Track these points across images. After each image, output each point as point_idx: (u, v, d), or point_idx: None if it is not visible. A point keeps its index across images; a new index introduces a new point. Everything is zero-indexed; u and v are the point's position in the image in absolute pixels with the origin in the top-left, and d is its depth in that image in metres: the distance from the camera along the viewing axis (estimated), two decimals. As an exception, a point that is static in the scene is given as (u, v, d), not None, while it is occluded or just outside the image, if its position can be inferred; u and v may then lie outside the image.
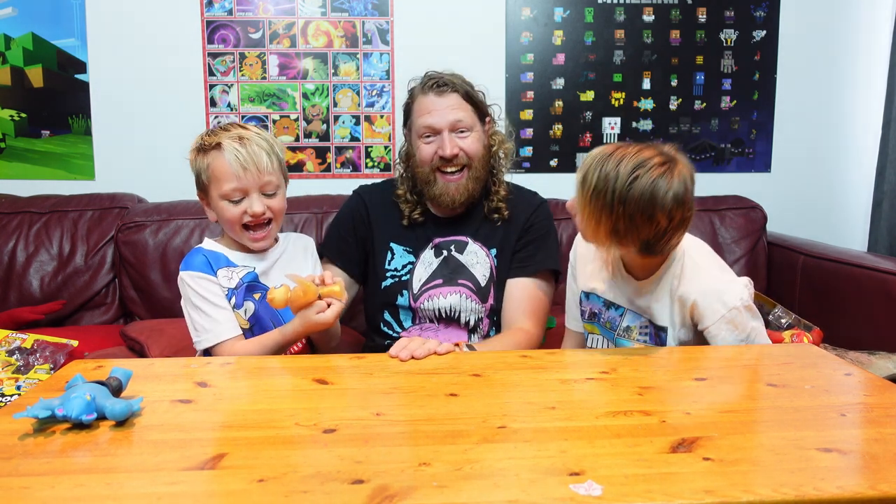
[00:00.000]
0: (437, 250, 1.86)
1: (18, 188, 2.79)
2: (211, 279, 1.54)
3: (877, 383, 1.17)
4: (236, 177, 1.50)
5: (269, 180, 1.54)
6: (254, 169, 1.50)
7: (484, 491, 0.78)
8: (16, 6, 2.77)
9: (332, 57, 2.86)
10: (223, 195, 1.52)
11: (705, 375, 1.21)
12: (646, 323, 1.57)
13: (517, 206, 1.90)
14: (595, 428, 0.97)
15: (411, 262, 1.86)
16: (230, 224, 1.55)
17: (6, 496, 0.76)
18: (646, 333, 1.57)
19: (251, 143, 1.51)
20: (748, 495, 0.77)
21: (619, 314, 1.61)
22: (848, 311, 2.28)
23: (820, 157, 3.06)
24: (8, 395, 1.72)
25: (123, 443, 0.92)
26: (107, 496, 0.77)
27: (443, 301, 1.81)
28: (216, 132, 1.55)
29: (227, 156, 1.49)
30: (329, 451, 0.89)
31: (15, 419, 0.97)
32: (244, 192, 1.52)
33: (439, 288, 1.82)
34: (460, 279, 1.84)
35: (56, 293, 2.55)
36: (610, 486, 0.78)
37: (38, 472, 0.83)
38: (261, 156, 1.51)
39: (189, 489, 0.79)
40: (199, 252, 1.59)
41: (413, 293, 1.83)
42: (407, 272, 1.85)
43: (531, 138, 2.96)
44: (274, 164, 1.54)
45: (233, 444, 0.91)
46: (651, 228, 1.41)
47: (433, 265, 1.85)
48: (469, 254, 1.86)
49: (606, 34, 2.92)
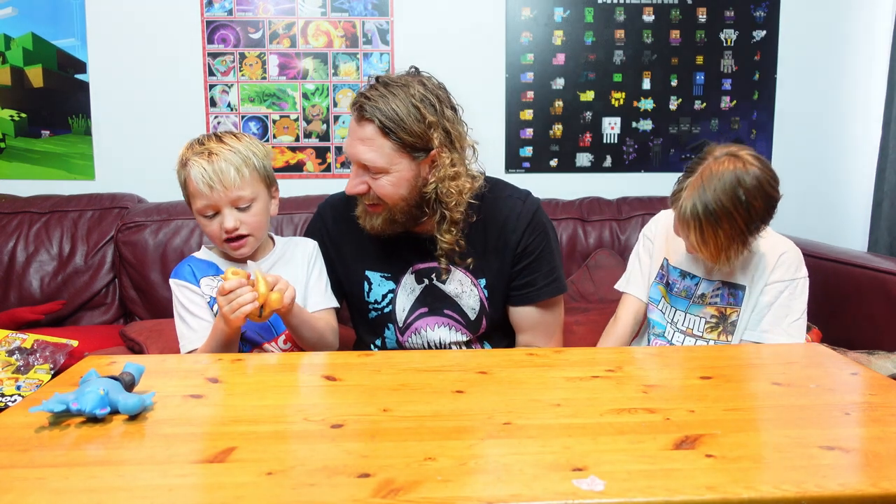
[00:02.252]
0: (419, 276, 1.67)
1: (18, 188, 2.78)
2: (192, 288, 1.56)
3: (882, 383, 1.17)
4: (204, 194, 1.49)
5: (238, 195, 1.50)
6: (220, 186, 1.47)
7: (488, 485, 0.78)
8: (16, 6, 2.77)
9: (332, 57, 2.86)
10: (198, 210, 1.53)
11: (711, 374, 1.21)
12: (719, 285, 1.65)
13: (503, 222, 1.64)
14: (599, 425, 0.97)
15: (391, 291, 1.67)
16: (210, 237, 1.57)
17: (22, 486, 0.78)
18: (717, 295, 1.65)
19: (219, 160, 1.48)
20: (749, 492, 0.77)
21: (694, 283, 1.68)
22: (848, 311, 2.28)
23: (820, 157, 3.07)
24: (8, 395, 1.71)
25: (135, 436, 0.94)
26: (119, 487, 0.79)
27: (430, 334, 1.67)
28: (192, 146, 1.54)
29: (194, 173, 1.48)
30: (336, 446, 0.90)
31: (30, 413, 0.99)
32: (215, 208, 1.51)
33: (424, 318, 1.67)
34: (446, 309, 1.66)
35: (56, 293, 2.54)
36: (612, 482, 0.79)
37: (53, 463, 0.85)
38: (228, 172, 1.47)
39: (199, 481, 0.81)
40: (187, 261, 1.61)
41: (399, 326, 1.68)
42: (388, 302, 1.68)
43: (531, 138, 2.96)
44: (245, 178, 1.50)
45: (242, 438, 0.93)
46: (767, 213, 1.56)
47: (416, 291, 1.67)
48: (454, 283, 1.65)
49: (606, 34, 2.93)
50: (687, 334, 1.67)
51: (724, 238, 1.50)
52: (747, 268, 1.65)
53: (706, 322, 1.66)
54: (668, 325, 1.70)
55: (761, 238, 1.63)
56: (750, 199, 1.50)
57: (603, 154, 2.99)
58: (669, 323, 1.70)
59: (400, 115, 1.48)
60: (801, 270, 1.65)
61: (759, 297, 1.64)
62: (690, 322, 1.67)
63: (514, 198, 1.68)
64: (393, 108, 1.48)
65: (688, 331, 1.67)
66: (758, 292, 1.64)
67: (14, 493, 0.77)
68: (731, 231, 1.50)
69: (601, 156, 2.99)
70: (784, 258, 1.64)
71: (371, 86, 1.54)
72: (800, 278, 1.64)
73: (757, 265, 1.64)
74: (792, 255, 1.65)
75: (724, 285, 1.65)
